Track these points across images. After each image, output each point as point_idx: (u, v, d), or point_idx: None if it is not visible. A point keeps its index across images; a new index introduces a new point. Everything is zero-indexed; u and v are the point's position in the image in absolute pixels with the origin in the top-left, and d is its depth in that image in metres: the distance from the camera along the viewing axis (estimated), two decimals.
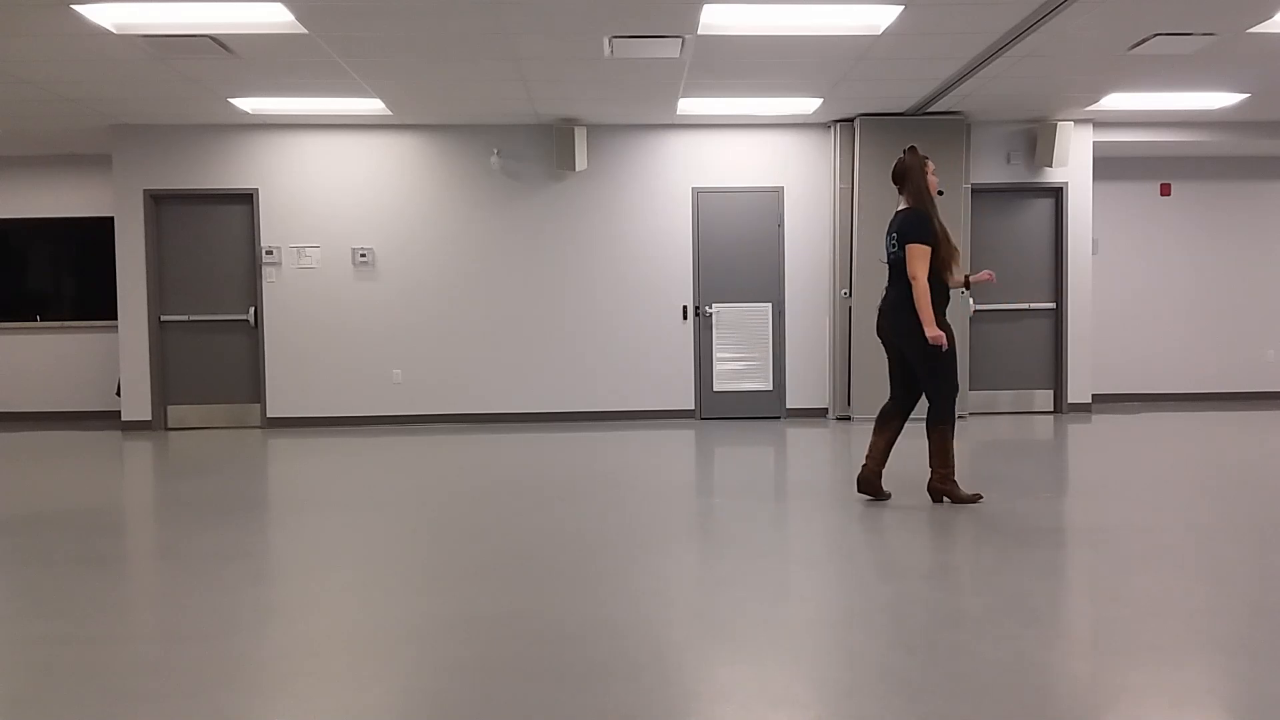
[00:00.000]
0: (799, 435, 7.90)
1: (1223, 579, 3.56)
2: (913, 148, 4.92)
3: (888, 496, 5.04)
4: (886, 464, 5.06)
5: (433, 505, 5.17)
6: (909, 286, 4.73)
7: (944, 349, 4.74)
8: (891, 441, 5.00)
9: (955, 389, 4.89)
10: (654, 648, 2.90)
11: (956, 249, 4.88)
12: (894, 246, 4.82)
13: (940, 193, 4.96)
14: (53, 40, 6.13)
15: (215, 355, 9.01)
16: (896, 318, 4.81)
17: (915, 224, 4.77)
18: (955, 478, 4.97)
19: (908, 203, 4.88)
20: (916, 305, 4.71)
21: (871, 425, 5.00)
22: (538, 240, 8.97)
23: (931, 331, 4.68)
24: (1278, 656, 2.76)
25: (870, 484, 5.01)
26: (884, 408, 5.04)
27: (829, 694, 2.55)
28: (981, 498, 4.97)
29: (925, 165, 4.86)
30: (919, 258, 4.71)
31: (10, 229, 9.83)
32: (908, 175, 4.86)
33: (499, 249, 8.97)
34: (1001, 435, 7.79)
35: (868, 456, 5.03)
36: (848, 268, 8.85)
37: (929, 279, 4.72)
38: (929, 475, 5.00)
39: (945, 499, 4.94)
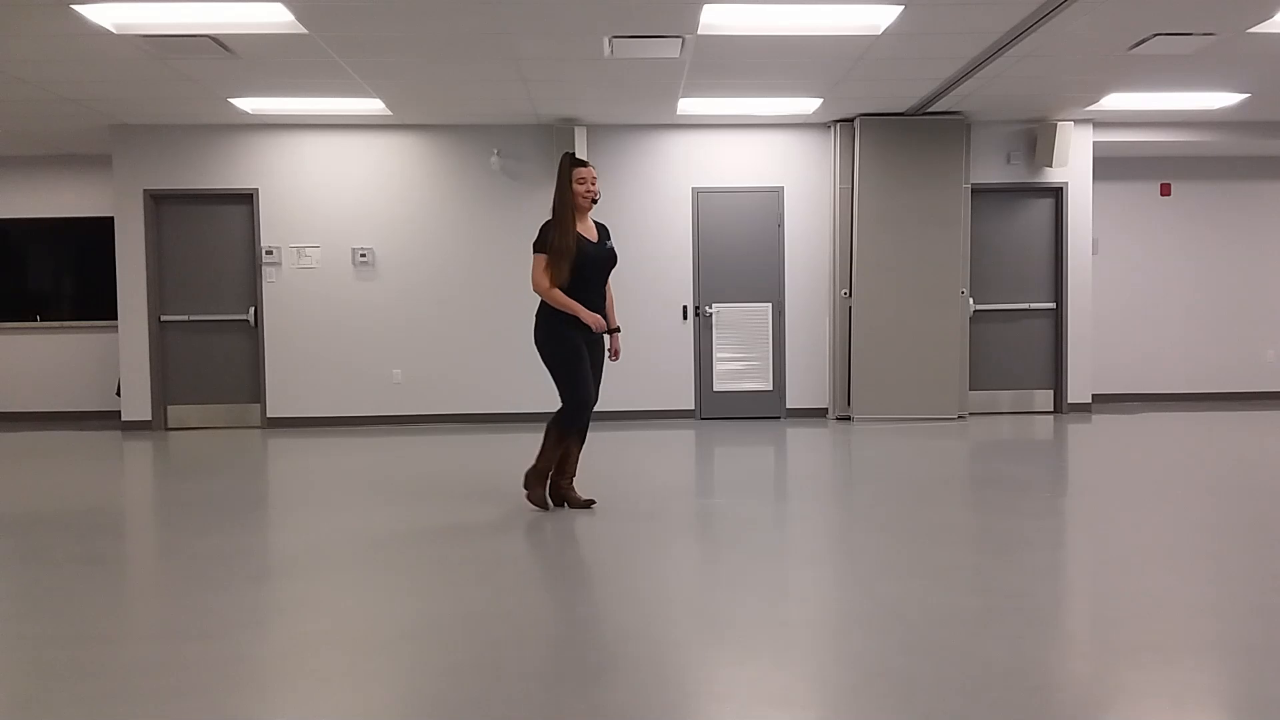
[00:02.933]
0: (799, 435, 7.89)
1: (1223, 579, 3.56)
2: (568, 153, 4.84)
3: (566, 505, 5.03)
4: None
5: (432, 505, 5.17)
6: None
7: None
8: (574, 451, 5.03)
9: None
10: (654, 648, 2.90)
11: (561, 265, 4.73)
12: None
13: (594, 201, 4.85)
14: (53, 40, 6.13)
15: (215, 355, 9.01)
16: None
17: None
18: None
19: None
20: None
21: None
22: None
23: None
24: (1278, 656, 2.76)
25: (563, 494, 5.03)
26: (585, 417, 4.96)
27: (829, 694, 2.55)
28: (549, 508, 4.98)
29: (573, 173, 4.76)
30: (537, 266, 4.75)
31: (10, 229, 9.83)
32: None
33: (499, 249, 8.97)
34: (1001, 435, 7.79)
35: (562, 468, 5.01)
36: (848, 268, 8.85)
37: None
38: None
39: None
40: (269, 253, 8.86)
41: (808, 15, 5.90)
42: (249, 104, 8.00)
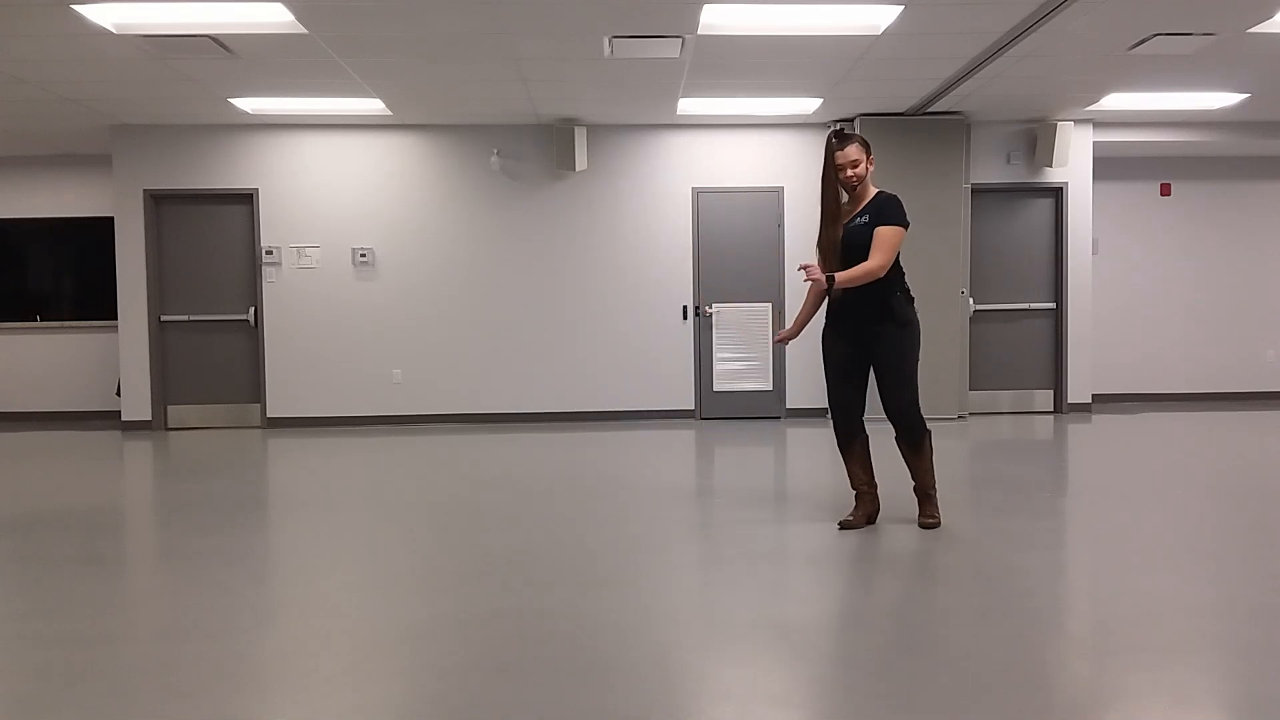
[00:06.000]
0: (799, 435, 7.89)
1: (1223, 579, 3.56)
2: (833, 131, 4.39)
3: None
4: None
5: (432, 505, 5.17)
6: None
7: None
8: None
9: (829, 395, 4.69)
10: (655, 648, 2.90)
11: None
12: None
13: (853, 188, 4.37)
14: (53, 40, 6.12)
15: (215, 355, 9.00)
16: None
17: None
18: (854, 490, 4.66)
19: None
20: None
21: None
22: (538, 240, 8.97)
23: None
24: (1278, 656, 2.76)
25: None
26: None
27: (829, 694, 2.55)
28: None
29: (834, 154, 4.32)
30: None
31: (10, 229, 9.83)
32: None
33: (499, 249, 8.97)
34: (1002, 435, 7.79)
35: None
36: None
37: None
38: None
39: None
40: (269, 253, 8.86)
41: (808, 15, 5.90)
42: (249, 104, 8.00)
